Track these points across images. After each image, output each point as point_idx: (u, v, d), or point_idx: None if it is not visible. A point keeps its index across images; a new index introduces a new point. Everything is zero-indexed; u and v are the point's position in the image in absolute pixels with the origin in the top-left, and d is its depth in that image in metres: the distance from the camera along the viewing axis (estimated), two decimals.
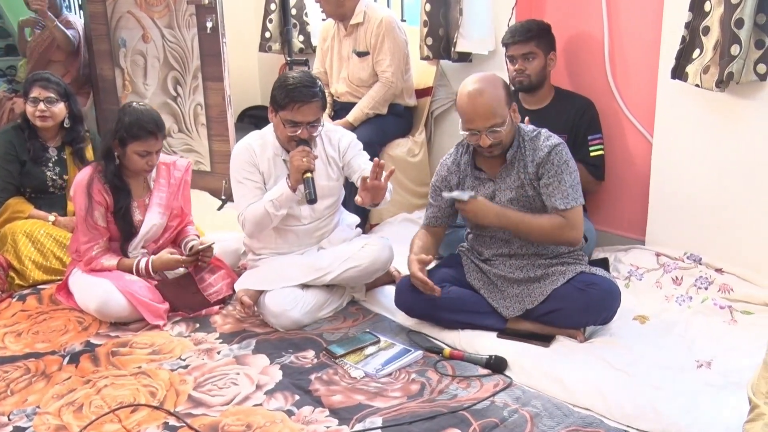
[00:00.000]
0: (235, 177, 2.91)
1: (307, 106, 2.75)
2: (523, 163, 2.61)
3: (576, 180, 2.59)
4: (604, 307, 2.57)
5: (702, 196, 2.93)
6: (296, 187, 2.78)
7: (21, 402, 2.33)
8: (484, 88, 2.53)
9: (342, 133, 3.04)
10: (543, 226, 2.55)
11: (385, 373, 2.42)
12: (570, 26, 3.34)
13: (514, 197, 2.63)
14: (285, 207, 2.82)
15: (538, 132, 2.65)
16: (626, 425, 2.09)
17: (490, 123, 2.51)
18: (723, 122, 2.81)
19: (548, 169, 2.56)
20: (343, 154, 2.99)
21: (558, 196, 2.55)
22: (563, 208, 2.54)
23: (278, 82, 2.81)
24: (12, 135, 3.46)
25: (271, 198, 2.80)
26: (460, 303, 2.63)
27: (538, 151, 2.59)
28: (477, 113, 2.52)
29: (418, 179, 4.11)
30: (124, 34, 4.63)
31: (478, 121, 2.52)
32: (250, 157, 2.89)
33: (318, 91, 2.78)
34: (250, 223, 2.85)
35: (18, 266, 3.21)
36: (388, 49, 3.82)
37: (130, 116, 2.87)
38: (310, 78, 2.80)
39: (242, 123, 5.24)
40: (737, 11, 2.51)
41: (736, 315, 2.69)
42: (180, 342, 2.71)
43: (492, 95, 2.52)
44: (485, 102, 2.51)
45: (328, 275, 2.86)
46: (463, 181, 2.72)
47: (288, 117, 2.77)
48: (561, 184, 2.55)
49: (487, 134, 2.52)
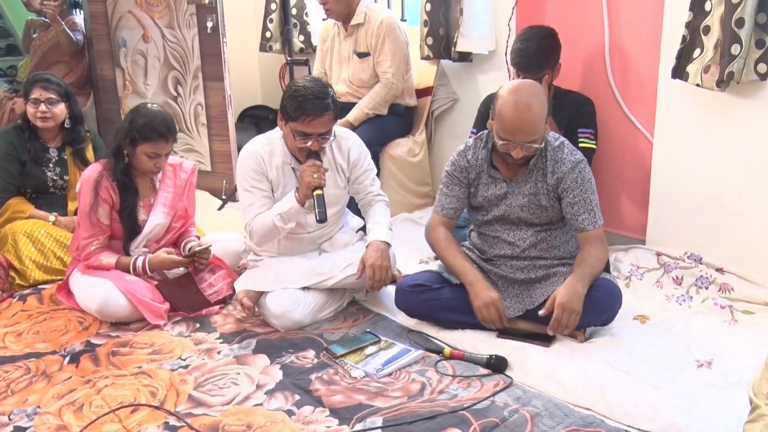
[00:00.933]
0: (242, 185, 2.87)
1: (318, 120, 2.67)
2: (542, 172, 2.58)
3: (597, 199, 2.59)
4: (605, 309, 2.57)
5: (703, 196, 2.93)
6: (305, 200, 2.74)
7: (21, 402, 2.33)
8: (532, 103, 2.44)
9: (352, 142, 2.96)
10: (601, 259, 2.54)
11: (386, 373, 2.41)
12: (570, 26, 3.33)
13: (525, 204, 2.61)
14: (293, 220, 2.79)
15: (561, 142, 2.61)
16: (627, 425, 2.09)
17: (530, 139, 2.46)
18: (723, 122, 2.81)
19: (572, 187, 2.54)
20: (352, 168, 2.95)
21: (585, 216, 2.54)
22: (591, 229, 2.54)
23: (289, 91, 2.71)
24: (12, 135, 3.46)
25: (279, 212, 2.76)
26: (461, 303, 2.62)
27: (560, 163, 2.56)
28: (520, 128, 2.44)
29: (418, 179, 4.11)
30: (124, 33, 4.64)
31: (519, 135, 2.45)
32: (257, 164, 2.83)
33: (330, 102, 2.69)
34: (257, 235, 2.82)
35: (18, 266, 3.22)
36: (389, 50, 3.82)
37: (143, 117, 2.87)
38: (322, 88, 2.69)
39: (242, 123, 5.24)
40: (738, 10, 2.51)
41: (736, 315, 2.69)
42: (180, 342, 2.71)
43: (538, 112, 2.44)
44: (531, 119, 2.44)
45: (329, 280, 2.85)
46: (479, 177, 2.67)
47: (299, 129, 2.70)
48: (587, 204, 2.54)
49: (523, 147, 2.48)
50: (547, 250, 2.66)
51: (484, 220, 2.71)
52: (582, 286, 2.45)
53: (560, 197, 2.58)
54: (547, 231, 2.65)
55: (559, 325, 2.43)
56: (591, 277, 2.49)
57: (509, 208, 2.63)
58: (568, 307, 2.41)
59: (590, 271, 2.50)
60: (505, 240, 2.68)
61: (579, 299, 2.43)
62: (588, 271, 2.49)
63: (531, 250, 2.65)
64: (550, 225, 2.65)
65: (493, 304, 2.54)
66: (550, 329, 2.46)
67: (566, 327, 2.44)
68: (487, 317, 2.55)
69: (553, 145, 2.60)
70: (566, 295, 2.43)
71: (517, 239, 2.66)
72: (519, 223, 2.65)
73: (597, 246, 2.55)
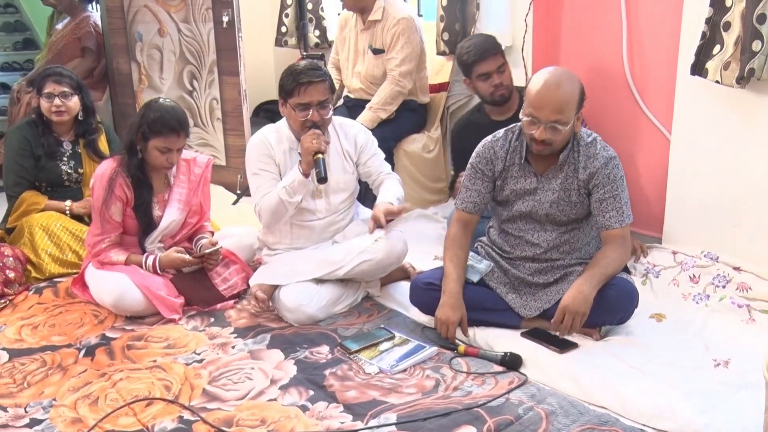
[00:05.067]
0: (250, 169, 2.92)
1: (314, 86, 2.77)
2: (573, 167, 2.55)
3: (628, 196, 2.56)
4: (621, 308, 2.55)
5: (720, 194, 2.90)
6: (308, 171, 2.78)
7: (37, 394, 2.35)
8: (563, 81, 2.43)
9: (357, 129, 3.04)
10: (616, 261, 2.50)
11: (400, 369, 2.41)
12: (588, 21, 3.31)
13: (555, 199, 2.57)
14: (299, 193, 2.82)
15: (594, 138, 2.57)
16: (642, 424, 2.07)
17: (556, 117, 2.42)
18: (743, 119, 2.78)
19: (603, 183, 2.51)
20: (360, 152, 2.99)
21: (613, 213, 2.51)
22: (617, 227, 2.52)
23: (284, 72, 2.85)
24: (26, 130, 3.47)
25: (284, 185, 2.80)
26: (476, 300, 2.61)
27: (593, 159, 2.52)
28: (548, 102, 2.41)
29: (433, 175, 4.09)
30: (140, 28, 4.65)
31: (546, 110, 2.41)
32: (265, 149, 2.90)
33: (323, 73, 2.82)
34: (266, 213, 2.85)
35: (34, 259, 3.23)
36: (401, 49, 3.81)
37: (155, 112, 2.88)
38: (314, 64, 2.88)
39: (258, 117, 5.24)
40: (759, 6, 2.48)
41: (754, 314, 2.66)
42: (195, 336, 2.72)
43: (569, 92, 2.43)
44: (560, 95, 2.41)
45: (342, 269, 2.85)
46: (508, 170, 2.63)
47: (297, 101, 2.79)
48: (617, 201, 2.51)
49: (547, 128, 2.43)
50: (569, 252, 2.64)
51: (508, 216, 2.68)
52: (589, 288, 2.42)
53: (590, 193, 2.55)
54: (571, 232, 2.62)
55: (563, 328, 2.42)
56: (602, 277, 2.46)
57: (538, 204, 2.60)
58: (572, 309, 2.39)
59: (601, 272, 2.46)
60: (528, 241, 2.65)
61: (584, 301, 2.40)
62: (598, 272, 2.46)
63: (552, 252, 2.63)
64: (575, 224, 2.62)
65: (448, 324, 2.55)
66: (553, 331, 2.45)
67: (571, 329, 2.42)
68: (439, 330, 2.58)
69: (586, 140, 2.56)
70: (569, 298, 2.41)
71: (541, 240, 2.63)
72: (545, 222, 2.62)
73: (616, 246, 2.51)
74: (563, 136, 2.47)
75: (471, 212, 2.72)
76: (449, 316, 2.55)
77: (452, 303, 2.57)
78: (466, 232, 2.72)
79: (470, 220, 2.73)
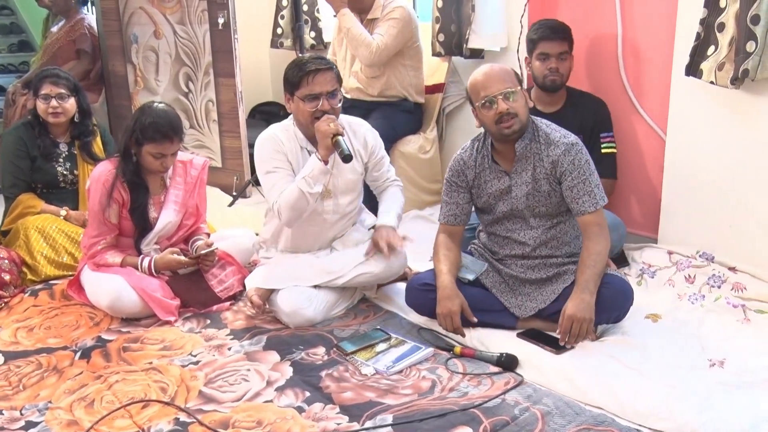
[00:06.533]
0: (263, 168, 2.82)
1: (321, 75, 2.69)
2: (538, 157, 2.59)
3: (598, 179, 2.58)
4: (616, 306, 2.55)
5: (715, 194, 2.91)
6: (327, 157, 2.69)
7: (33, 397, 2.34)
8: (494, 64, 2.62)
9: (366, 128, 2.99)
10: (601, 254, 2.51)
11: (396, 371, 2.41)
12: (583, 22, 3.31)
13: (529, 191, 2.60)
14: (319, 182, 2.71)
15: (549, 125, 2.63)
16: (638, 424, 2.07)
17: (505, 86, 2.51)
18: (737, 119, 2.79)
19: (570, 170, 2.54)
20: (370, 154, 2.96)
21: (586, 198, 2.53)
22: (593, 210, 2.53)
23: (288, 66, 2.78)
24: (22, 131, 3.47)
25: (303, 176, 2.70)
26: (472, 301, 2.61)
27: (554, 146, 2.57)
28: (491, 78, 2.54)
29: (429, 176, 4.10)
30: (136, 30, 4.65)
31: (493, 85, 2.52)
32: (277, 145, 2.80)
33: (329, 62, 2.77)
34: (286, 209, 2.72)
35: (30, 261, 3.23)
36: (389, 26, 3.77)
37: (148, 118, 2.85)
38: (318, 55, 2.85)
39: (253, 119, 5.26)
40: (753, 7, 2.49)
41: (749, 314, 2.66)
42: (191, 338, 2.71)
43: (503, 68, 2.59)
44: (497, 70, 2.57)
45: (340, 279, 2.84)
46: (480, 176, 2.69)
47: (305, 92, 2.70)
48: (587, 185, 2.53)
49: (504, 98, 2.51)
50: (558, 248, 2.65)
51: (493, 219, 2.71)
52: (589, 294, 2.44)
53: (560, 181, 2.58)
54: (557, 227, 2.64)
55: (571, 336, 2.43)
56: (596, 278, 2.47)
57: (515, 200, 2.62)
58: (579, 317, 2.40)
59: (593, 272, 2.47)
60: (516, 240, 2.67)
61: (588, 308, 2.42)
62: (591, 273, 2.47)
63: (541, 249, 2.65)
64: (560, 217, 2.64)
65: (451, 315, 2.54)
66: (561, 341, 2.45)
67: (579, 337, 2.44)
68: (444, 326, 2.58)
69: (544, 129, 2.62)
70: (573, 307, 2.42)
71: (528, 238, 2.64)
72: (528, 218, 2.64)
73: (596, 238, 2.52)
74: (521, 105, 2.54)
75: (453, 224, 2.77)
76: (449, 307, 2.55)
77: (448, 294, 2.58)
78: (453, 239, 2.76)
79: (454, 231, 2.78)
